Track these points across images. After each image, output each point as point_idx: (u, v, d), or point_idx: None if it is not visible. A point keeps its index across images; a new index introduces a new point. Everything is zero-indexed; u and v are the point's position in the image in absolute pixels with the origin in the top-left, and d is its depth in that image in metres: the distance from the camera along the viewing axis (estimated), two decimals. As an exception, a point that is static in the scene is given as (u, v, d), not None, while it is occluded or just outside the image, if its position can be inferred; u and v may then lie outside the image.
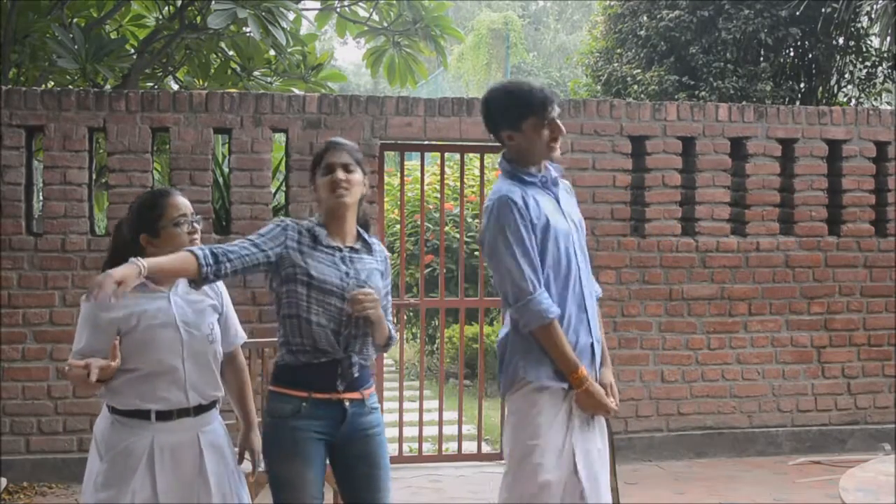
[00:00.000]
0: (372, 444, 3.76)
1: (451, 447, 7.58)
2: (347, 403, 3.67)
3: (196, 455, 3.58)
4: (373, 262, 3.78)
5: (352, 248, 3.74)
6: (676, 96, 11.13)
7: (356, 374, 3.69)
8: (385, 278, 3.87)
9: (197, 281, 3.44)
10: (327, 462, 3.74)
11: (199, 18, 8.34)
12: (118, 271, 3.14)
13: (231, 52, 9.02)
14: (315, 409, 3.62)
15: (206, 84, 9.00)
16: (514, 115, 3.75)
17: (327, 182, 3.69)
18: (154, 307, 3.55)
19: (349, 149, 3.78)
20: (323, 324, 3.60)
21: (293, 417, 3.61)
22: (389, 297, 3.92)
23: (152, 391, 3.52)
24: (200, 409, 3.63)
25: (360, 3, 9.31)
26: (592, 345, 3.78)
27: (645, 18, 11.98)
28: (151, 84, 9.29)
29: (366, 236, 3.83)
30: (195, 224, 3.65)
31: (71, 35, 7.53)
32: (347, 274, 3.66)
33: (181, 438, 3.56)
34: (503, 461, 4.13)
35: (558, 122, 3.76)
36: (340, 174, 3.67)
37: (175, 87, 9.60)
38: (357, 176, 3.73)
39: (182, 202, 3.65)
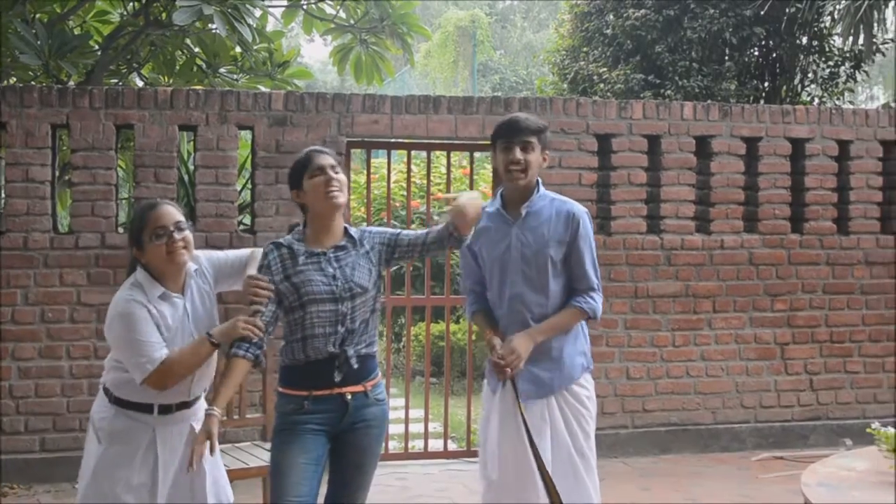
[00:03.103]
0: (368, 437, 3.93)
1: (417, 445, 7.58)
2: (349, 396, 3.83)
3: (191, 440, 3.77)
4: (356, 255, 3.90)
5: (336, 248, 3.88)
6: (642, 95, 11.18)
7: (355, 366, 3.83)
8: (381, 240, 3.97)
9: (256, 367, 3.82)
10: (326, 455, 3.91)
11: (164, 15, 8.28)
12: (204, 433, 3.54)
13: (196, 49, 8.96)
14: (317, 404, 3.80)
15: (171, 81, 8.93)
16: None
17: (321, 182, 3.82)
18: (172, 314, 3.75)
19: (329, 152, 3.95)
20: (318, 333, 3.78)
21: (296, 413, 3.80)
22: (402, 231, 4.03)
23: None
24: (195, 401, 3.89)
25: (327, 1, 9.28)
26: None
27: (611, 17, 12.04)
28: (116, 81, 9.21)
29: (351, 232, 3.95)
30: (175, 235, 3.73)
31: (34, 31, 7.45)
32: (334, 277, 3.81)
33: (180, 427, 3.81)
34: (473, 459, 4.27)
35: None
36: (332, 173, 3.83)
37: (140, 83, 9.52)
38: (343, 177, 3.90)
39: (163, 214, 3.76)
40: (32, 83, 7.76)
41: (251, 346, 3.74)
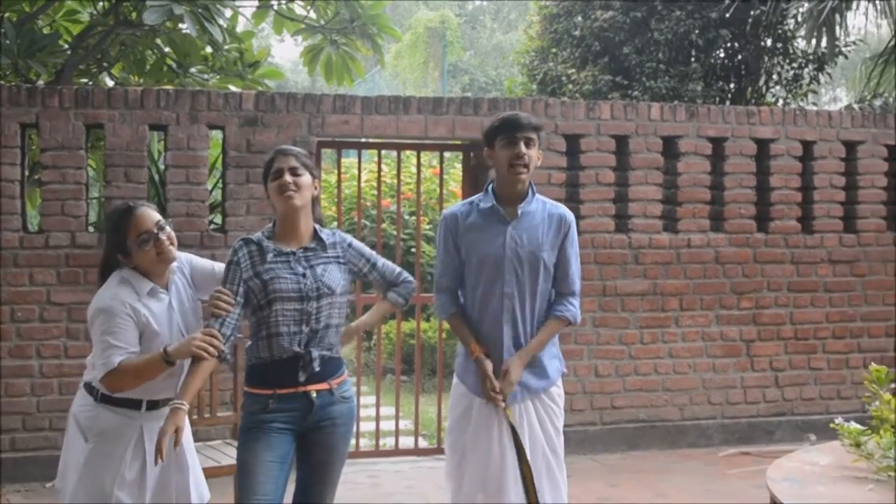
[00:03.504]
0: (334, 435, 3.95)
1: (388, 443, 7.62)
2: (314, 394, 3.87)
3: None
4: (327, 257, 3.95)
5: (306, 249, 3.92)
6: (610, 95, 11.26)
7: (317, 368, 3.86)
8: (356, 260, 4.07)
9: (222, 363, 3.89)
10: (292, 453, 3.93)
11: (134, 14, 8.25)
12: (171, 425, 3.54)
13: (167, 49, 8.93)
14: (282, 403, 3.83)
15: (141, 80, 8.90)
16: None
17: (276, 186, 3.87)
18: (160, 310, 3.80)
19: (295, 153, 3.96)
20: (282, 331, 3.81)
21: (261, 412, 3.82)
22: (377, 264, 4.17)
23: (151, 386, 3.77)
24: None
25: (298, 1, 9.28)
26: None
27: (579, 18, 12.10)
28: (85, 80, 9.16)
29: (321, 234, 3.98)
30: (160, 235, 3.80)
31: (3, 30, 7.42)
32: (304, 275, 3.86)
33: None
34: (443, 456, 4.30)
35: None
36: (288, 177, 3.86)
37: (110, 83, 9.48)
38: (305, 178, 3.91)
39: (142, 218, 3.82)
40: (1, 82, 7.72)
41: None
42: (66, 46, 8.56)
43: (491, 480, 4.14)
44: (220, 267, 4.08)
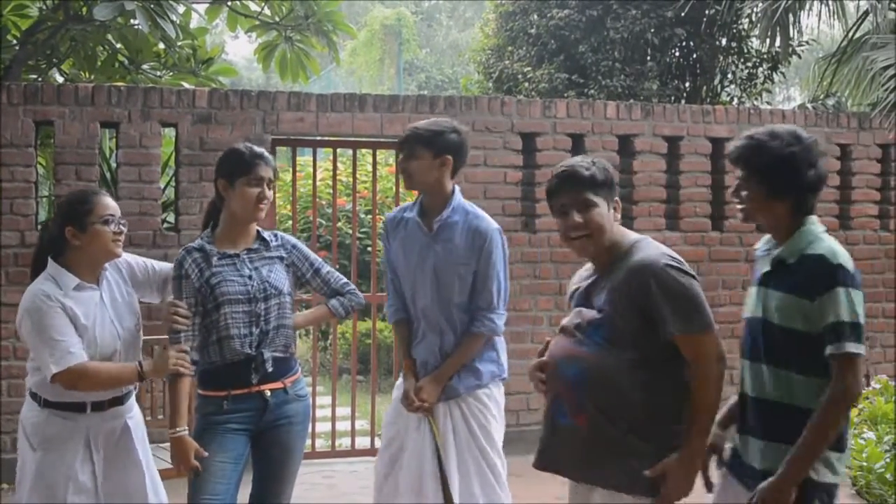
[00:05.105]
0: (290, 434, 3.97)
1: (343, 443, 7.57)
2: (268, 394, 3.87)
3: (126, 438, 3.83)
4: (271, 257, 3.96)
5: (249, 250, 3.92)
6: (566, 94, 11.27)
7: (270, 369, 3.87)
8: (299, 263, 4.06)
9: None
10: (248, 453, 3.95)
11: (84, 9, 8.13)
12: (187, 456, 3.70)
13: (119, 45, 8.81)
14: (236, 404, 3.84)
15: (92, 77, 8.78)
16: None
17: (255, 196, 3.85)
18: (89, 303, 3.74)
19: (273, 164, 4.00)
20: (233, 334, 3.81)
21: (215, 414, 3.82)
22: (321, 270, 4.13)
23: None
24: (127, 397, 3.87)
25: (252, -3, 9.21)
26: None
27: (535, 17, 12.10)
28: (35, 76, 9.02)
29: (264, 234, 4.00)
30: (122, 226, 3.79)
31: (-52, 25, 7.28)
32: (250, 277, 3.86)
33: (113, 425, 3.80)
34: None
35: None
36: (268, 192, 3.89)
37: (60, 79, 9.34)
38: (271, 192, 3.96)
39: (112, 203, 3.80)
40: (-53, 78, 7.57)
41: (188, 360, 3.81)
42: (15, 42, 8.42)
43: (411, 477, 4.17)
44: (153, 262, 4.06)
